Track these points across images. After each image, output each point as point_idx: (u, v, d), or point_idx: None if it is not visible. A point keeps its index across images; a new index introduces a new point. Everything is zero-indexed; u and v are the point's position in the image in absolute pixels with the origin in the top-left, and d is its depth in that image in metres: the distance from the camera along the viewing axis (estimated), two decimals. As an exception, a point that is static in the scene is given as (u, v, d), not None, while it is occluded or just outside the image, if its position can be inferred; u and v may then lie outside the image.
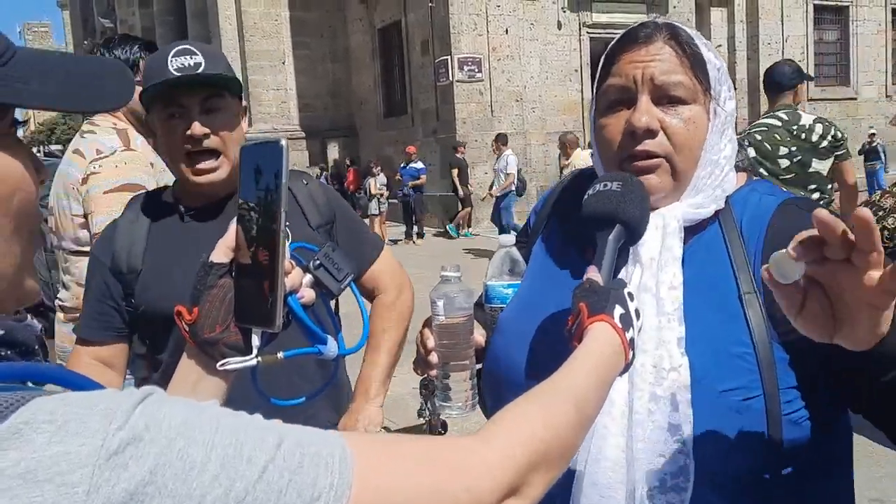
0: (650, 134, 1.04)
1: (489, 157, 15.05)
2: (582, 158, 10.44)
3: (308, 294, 0.92)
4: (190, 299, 0.89)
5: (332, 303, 1.62)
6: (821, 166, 4.10)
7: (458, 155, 15.17)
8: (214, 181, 1.67)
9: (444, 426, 3.91)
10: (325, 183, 2.04)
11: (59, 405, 0.53)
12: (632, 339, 0.94)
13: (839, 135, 4.21)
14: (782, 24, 19.63)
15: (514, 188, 12.95)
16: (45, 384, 0.62)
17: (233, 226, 0.89)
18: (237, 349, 0.87)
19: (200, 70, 1.61)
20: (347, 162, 20.04)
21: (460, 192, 15.13)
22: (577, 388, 0.84)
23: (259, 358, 0.88)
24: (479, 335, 1.17)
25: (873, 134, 18.91)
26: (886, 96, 22.13)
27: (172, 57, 1.60)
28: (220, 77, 1.66)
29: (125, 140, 2.46)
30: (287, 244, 0.86)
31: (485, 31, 16.37)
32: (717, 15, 19.53)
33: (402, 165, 15.89)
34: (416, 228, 15.34)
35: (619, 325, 0.92)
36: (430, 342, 1.11)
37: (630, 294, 0.96)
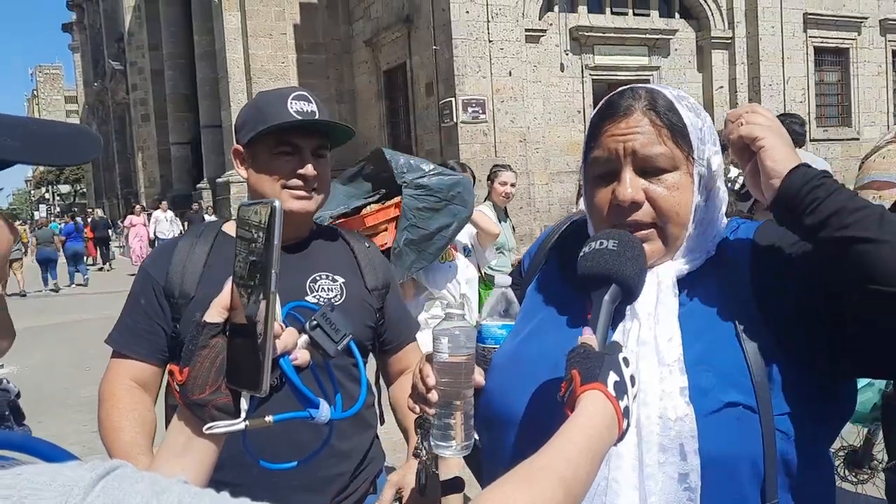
0: (636, 206, 1.08)
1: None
2: None
3: (302, 356, 0.90)
4: (181, 359, 0.87)
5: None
6: (742, 206, 4.81)
7: None
8: (308, 210, 1.74)
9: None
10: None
11: (18, 479, 0.51)
12: (626, 408, 0.90)
13: None
14: (783, 65, 19.80)
15: None
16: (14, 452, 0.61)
17: (228, 285, 0.88)
18: (227, 411, 0.85)
19: (317, 117, 1.71)
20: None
21: None
22: (567, 468, 0.80)
23: (247, 422, 0.86)
24: (479, 375, 1.16)
25: None
26: (889, 136, 22.19)
27: (292, 100, 1.69)
28: (336, 124, 1.77)
29: None
30: (278, 305, 0.84)
31: (488, 73, 16.55)
32: (719, 57, 19.71)
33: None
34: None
35: (613, 394, 0.89)
36: (431, 380, 1.10)
37: (626, 359, 0.95)
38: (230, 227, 1.80)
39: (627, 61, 18.64)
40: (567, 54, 18.14)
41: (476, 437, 1.14)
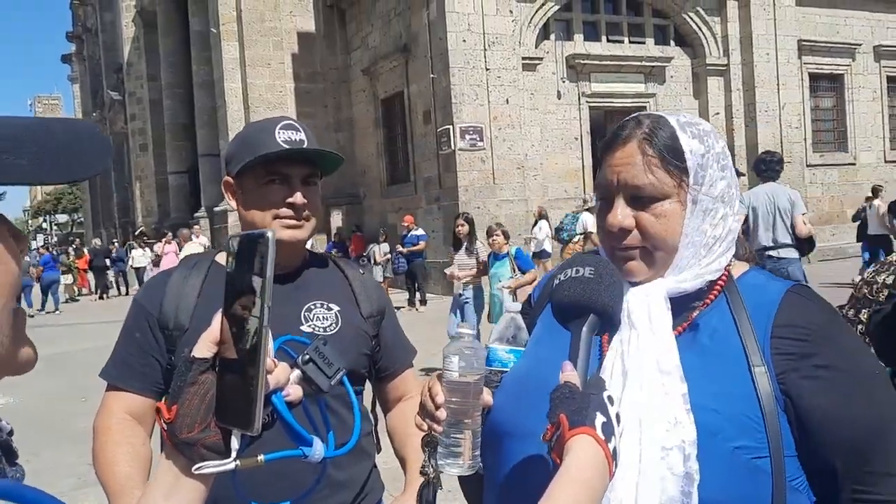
0: (624, 232, 1.13)
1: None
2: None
3: (294, 391, 0.87)
4: (169, 396, 0.83)
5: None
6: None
7: None
8: (300, 238, 1.73)
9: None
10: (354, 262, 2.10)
11: None
12: (614, 449, 0.89)
13: None
14: (778, 92, 19.95)
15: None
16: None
17: (217, 318, 0.84)
18: (217, 451, 0.81)
19: (305, 146, 1.71)
20: (354, 228, 20.28)
21: None
22: None
23: (237, 461, 0.82)
24: (488, 395, 1.16)
25: None
26: (886, 161, 22.33)
27: (279, 129, 1.69)
28: (325, 152, 1.76)
29: None
30: (270, 340, 0.82)
31: (486, 100, 16.66)
32: (714, 84, 19.88)
33: (402, 235, 15.98)
34: (418, 295, 15.31)
35: (602, 437, 0.87)
36: (440, 397, 1.10)
37: (610, 398, 0.93)
38: (223, 258, 1.78)
39: (624, 88, 18.79)
40: (564, 82, 18.29)
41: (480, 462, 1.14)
